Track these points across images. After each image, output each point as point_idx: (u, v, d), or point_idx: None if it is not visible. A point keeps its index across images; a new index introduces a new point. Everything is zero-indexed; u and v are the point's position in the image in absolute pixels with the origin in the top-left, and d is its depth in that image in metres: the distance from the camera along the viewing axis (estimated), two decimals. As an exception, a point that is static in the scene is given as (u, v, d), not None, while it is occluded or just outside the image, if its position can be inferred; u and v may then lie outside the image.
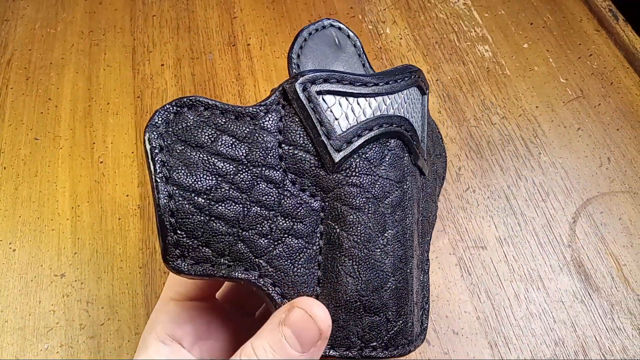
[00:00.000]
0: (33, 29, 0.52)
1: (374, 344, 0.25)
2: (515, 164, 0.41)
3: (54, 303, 0.37)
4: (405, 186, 0.26)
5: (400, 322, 0.25)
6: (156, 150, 0.23)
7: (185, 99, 0.24)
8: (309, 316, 0.22)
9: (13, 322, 0.36)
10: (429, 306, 0.29)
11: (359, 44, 0.31)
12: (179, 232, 0.23)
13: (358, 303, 0.24)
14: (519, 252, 0.37)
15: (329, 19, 0.30)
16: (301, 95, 0.25)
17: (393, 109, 0.27)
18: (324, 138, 0.24)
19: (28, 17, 0.53)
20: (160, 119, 0.23)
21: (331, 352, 0.24)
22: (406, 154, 0.27)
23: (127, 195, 0.41)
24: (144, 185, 0.41)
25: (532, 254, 0.37)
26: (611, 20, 0.47)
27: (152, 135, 0.23)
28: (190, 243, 0.23)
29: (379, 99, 0.26)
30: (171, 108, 0.24)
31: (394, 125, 0.26)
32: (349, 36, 0.31)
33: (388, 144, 0.26)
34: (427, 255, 0.30)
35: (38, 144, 0.44)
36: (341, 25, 0.31)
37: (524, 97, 0.44)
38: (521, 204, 0.39)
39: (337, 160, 0.25)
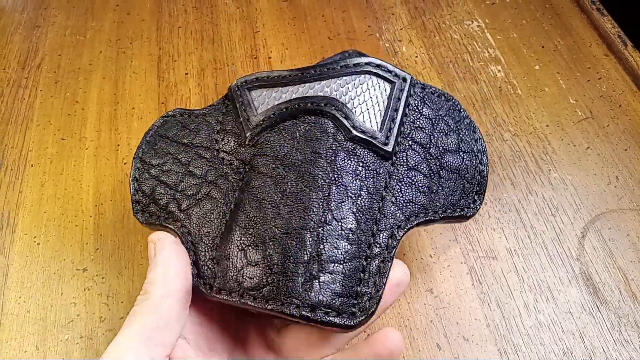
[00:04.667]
0: (63, 35, 0.54)
1: (254, 292, 0.27)
2: (526, 179, 0.42)
3: (75, 296, 0.38)
4: (322, 157, 0.30)
5: (287, 279, 0.27)
6: (142, 145, 0.33)
7: (170, 111, 0.34)
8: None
9: (35, 312, 0.37)
10: (380, 295, 0.28)
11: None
12: (139, 192, 0.32)
13: (240, 251, 0.28)
14: (529, 264, 0.38)
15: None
16: (235, 92, 0.33)
17: (321, 92, 0.31)
18: (242, 121, 0.32)
19: (59, 24, 0.55)
20: (157, 123, 0.34)
21: (217, 295, 0.28)
22: (331, 129, 0.30)
23: (149, 196, 0.42)
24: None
25: (541, 266, 0.38)
26: (620, 46, 0.49)
27: (147, 134, 0.34)
28: (144, 201, 0.31)
29: (306, 85, 0.32)
30: (163, 117, 0.34)
31: (313, 104, 0.31)
32: None
33: (308, 120, 0.31)
34: (396, 244, 0.29)
35: (64, 144, 0.46)
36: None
37: (535, 116, 0.46)
38: (531, 217, 0.40)
39: (248, 135, 0.32)
